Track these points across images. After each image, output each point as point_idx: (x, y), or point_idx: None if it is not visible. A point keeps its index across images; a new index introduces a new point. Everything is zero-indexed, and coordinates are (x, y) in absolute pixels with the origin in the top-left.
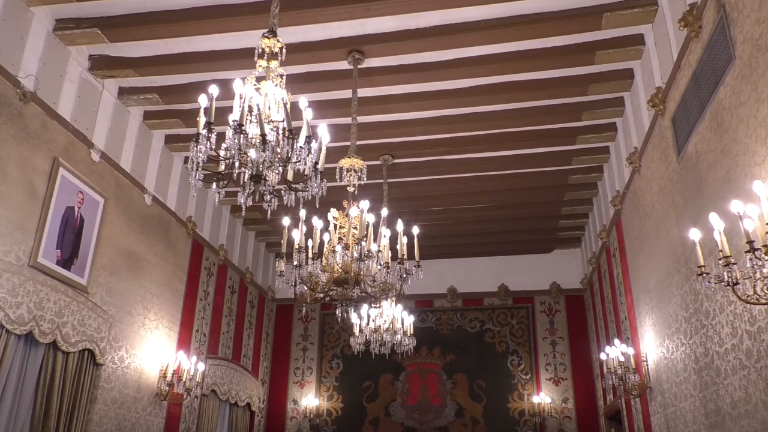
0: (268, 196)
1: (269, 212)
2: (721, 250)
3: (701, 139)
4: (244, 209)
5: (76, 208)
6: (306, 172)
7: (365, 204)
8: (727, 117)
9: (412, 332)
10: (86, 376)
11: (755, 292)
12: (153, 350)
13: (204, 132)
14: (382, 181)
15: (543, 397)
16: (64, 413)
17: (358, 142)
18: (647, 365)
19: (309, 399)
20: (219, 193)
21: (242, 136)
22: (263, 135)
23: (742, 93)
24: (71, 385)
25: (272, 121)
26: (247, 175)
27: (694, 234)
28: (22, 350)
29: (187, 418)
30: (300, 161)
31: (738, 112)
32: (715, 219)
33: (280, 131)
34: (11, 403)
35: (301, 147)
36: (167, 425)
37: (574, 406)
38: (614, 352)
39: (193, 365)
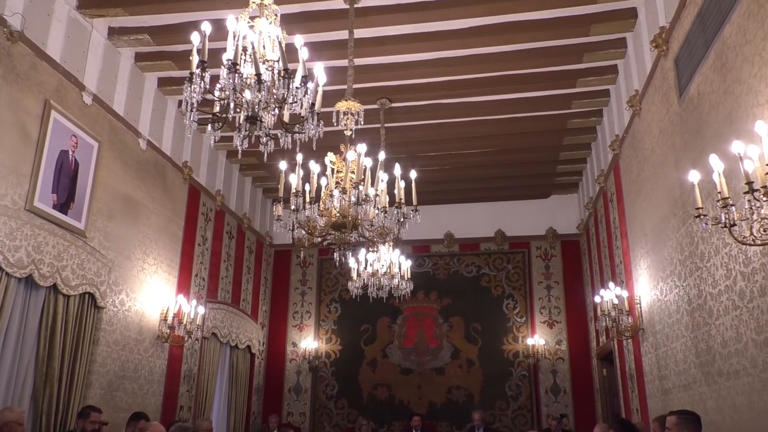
0: (265, 139)
1: (266, 155)
2: (719, 192)
3: (704, 80)
4: (240, 152)
5: (70, 152)
6: (302, 114)
7: (362, 148)
8: (731, 56)
9: (409, 276)
10: (88, 319)
11: (751, 234)
12: (153, 294)
13: (197, 71)
14: (379, 125)
15: (537, 340)
16: (68, 354)
17: (355, 86)
18: (640, 307)
19: (308, 342)
20: (214, 135)
21: (237, 75)
22: (258, 74)
23: (748, 31)
24: (73, 327)
25: (267, 61)
26: (242, 117)
27: (693, 176)
28: (23, 293)
29: (188, 360)
30: (296, 102)
31: (743, 51)
32: (714, 160)
33: (276, 71)
34: (15, 344)
35: (297, 87)
36: (169, 366)
37: (567, 348)
38: (608, 295)
39: (193, 308)
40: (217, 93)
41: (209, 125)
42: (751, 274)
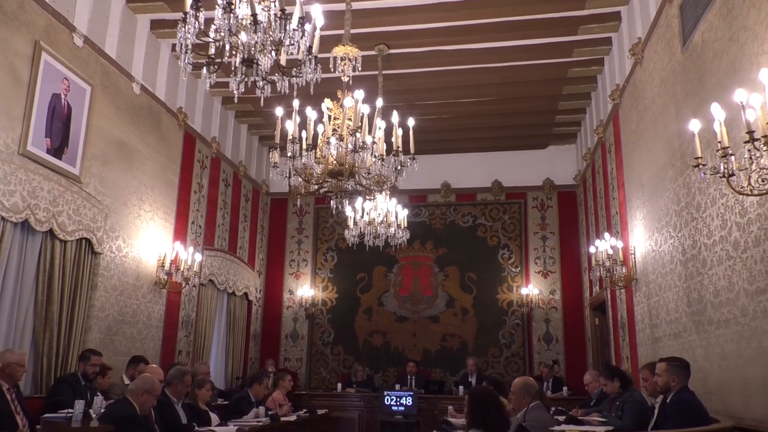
0: (261, 83)
1: (262, 100)
2: (719, 141)
3: (709, 27)
4: (236, 97)
5: (63, 96)
6: (299, 57)
7: (360, 94)
8: (738, 2)
9: (405, 225)
10: (85, 265)
11: (749, 184)
12: (150, 240)
13: (191, 11)
14: (376, 72)
15: (531, 289)
16: (66, 299)
17: (352, 31)
18: (635, 258)
19: (304, 290)
20: (209, 79)
21: (232, 16)
22: (254, 15)
23: None
24: (71, 272)
25: (263, 1)
26: (238, 60)
27: (694, 125)
28: (19, 239)
29: (186, 306)
30: (293, 44)
31: None
32: (716, 109)
33: (272, 12)
34: (13, 288)
35: (294, 29)
36: (167, 312)
37: (560, 298)
38: (603, 245)
39: (190, 255)
40: (211, 35)
41: (204, 68)
42: (747, 225)
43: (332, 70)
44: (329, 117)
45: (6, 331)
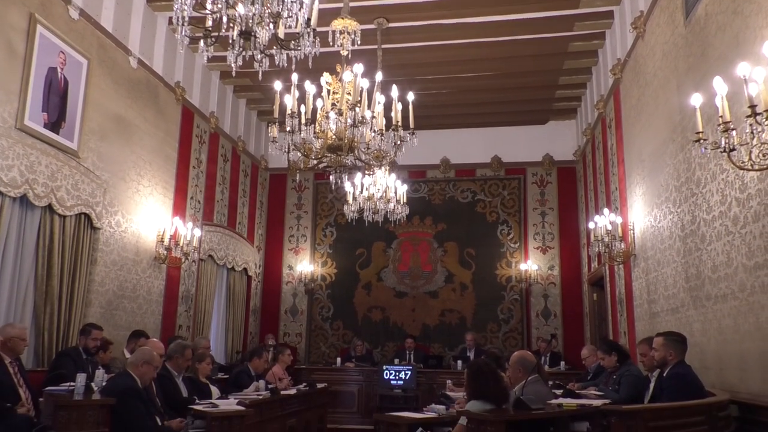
0: (259, 56)
1: (260, 74)
2: (721, 116)
3: None
4: (234, 71)
5: (59, 70)
6: (298, 30)
7: (359, 68)
8: None
9: (404, 201)
10: (85, 240)
11: (750, 159)
12: (149, 216)
13: None
14: (376, 46)
15: (530, 265)
16: (67, 274)
17: (351, 4)
18: (633, 233)
19: (304, 265)
20: (207, 52)
21: None
22: None
23: None
24: (71, 247)
25: None
26: (235, 33)
27: (696, 99)
28: (18, 213)
29: (186, 281)
30: (291, 17)
31: None
32: (718, 83)
33: None
34: (13, 263)
35: (291, 1)
36: (167, 287)
37: (559, 273)
38: (602, 221)
39: (189, 231)
40: (208, 7)
41: (201, 41)
42: (746, 200)
43: (331, 43)
44: (328, 91)
45: (7, 305)
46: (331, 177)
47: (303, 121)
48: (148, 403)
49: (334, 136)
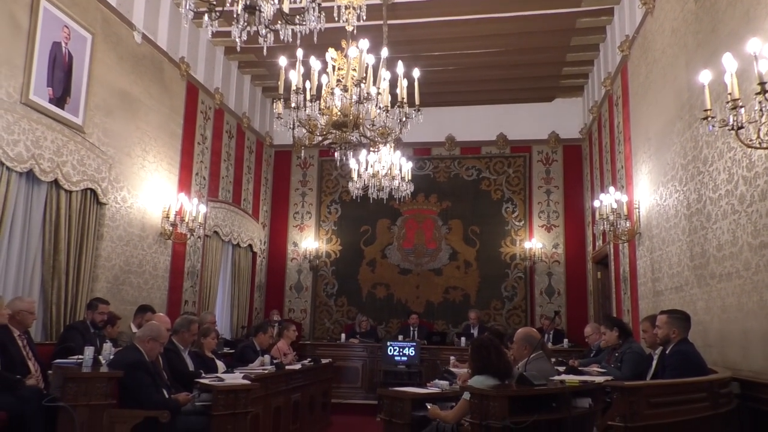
0: (264, 31)
1: (265, 50)
2: (730, 93)
3: None
4: (239, 46)
5: (63, 44)
6: (302, 4)
7: (364, 44)
8: None
9: (409, 178)
10: (91, 215)
11: (758, 137)
12: (155, 191)
13: None
14: (381, 22)
15: (534, 243)
16: (73, 249)
17: None
18: (639, 212)
19: (308, 242)
20: (211, 27)
21: None
22: None
23: None
24: (77, 223)
25: None
26: (240, 7)
27: (704, 76)
28: (24, 188)
29: (191, 257)
30: None
31: None
32: (728, 60)
33: None
34: (20, 238)
35: None
36: (173, 262)
37: (563, 251)
38: (608, 199)
39: (194, 207)
40: None
41: (206, 16)
42: (753, 179)
43: (336, 19)
44: (333, 67)
45: (15, 279)
46: (336, 154)
47: (308, 97)
48: (156, 377)
49: (339, 113)
